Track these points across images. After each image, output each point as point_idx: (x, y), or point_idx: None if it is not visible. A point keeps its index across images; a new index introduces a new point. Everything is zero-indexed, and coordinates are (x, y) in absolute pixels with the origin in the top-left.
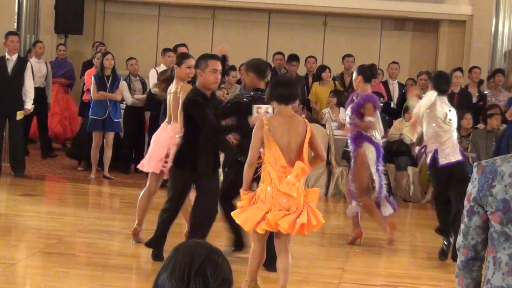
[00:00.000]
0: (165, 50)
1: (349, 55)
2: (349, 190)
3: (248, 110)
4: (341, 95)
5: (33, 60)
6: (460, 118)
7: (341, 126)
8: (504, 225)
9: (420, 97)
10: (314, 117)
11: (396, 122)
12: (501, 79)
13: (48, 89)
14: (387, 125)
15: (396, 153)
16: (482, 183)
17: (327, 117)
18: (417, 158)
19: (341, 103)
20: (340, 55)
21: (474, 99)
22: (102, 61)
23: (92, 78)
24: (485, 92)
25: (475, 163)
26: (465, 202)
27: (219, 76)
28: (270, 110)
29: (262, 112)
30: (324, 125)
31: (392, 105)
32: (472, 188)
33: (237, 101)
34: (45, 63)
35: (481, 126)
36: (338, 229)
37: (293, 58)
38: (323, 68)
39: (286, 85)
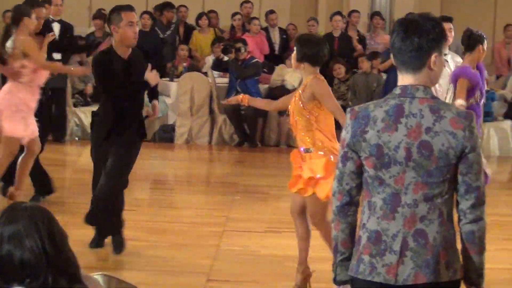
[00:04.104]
0: None
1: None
2: None
3: None
4: (227, 40)
5: None
6: (332, 68)
7: None
8: (377, 170)
9: None
10: (196, 66)
11: (277, 68)
12: (379, 21)
13: None
14: (270, 71)
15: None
16: (355, 128)
17: (209, 65)
18: None
19: (226, 50)
20: (220, 1)
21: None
22: None
23: None
24: (364, 34)
25: (348, 109)
26: (339, 148)
27: (137, 29)
28: None
29: None
30: (205, 73)
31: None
32: (345, 134)
33: None
34: None
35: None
36: (223, 177)
37: (167, 6)
38: (200, 15)
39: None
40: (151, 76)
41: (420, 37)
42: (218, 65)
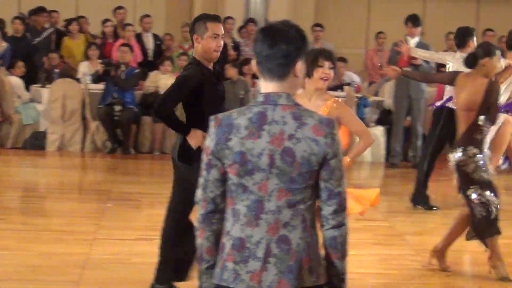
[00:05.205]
0: None
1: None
2: None
3: None
4: (99, 47)
5: None
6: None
7: None
8: (241, 177)
9: None
10: (69, 73)
11: (151, 75)
12: (253, 28)
13: None
14: (143, 77)
15: (152, 105)
16: (219, 136)
17: (82, 71)
18: None
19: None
20: (95, 6)
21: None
22: None
23: None
24: (238, 41)
25: (212, 117)
26: (203, 156)
27: (222, 43)
28: None
29: None
30: (78, 79)
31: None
32: (209, 142)
33: None
34: None
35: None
36: (95, 184)
37: (39, 10)
38: (70, 21)
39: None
40: None
41: (288, 44)
42: (98, 78)
